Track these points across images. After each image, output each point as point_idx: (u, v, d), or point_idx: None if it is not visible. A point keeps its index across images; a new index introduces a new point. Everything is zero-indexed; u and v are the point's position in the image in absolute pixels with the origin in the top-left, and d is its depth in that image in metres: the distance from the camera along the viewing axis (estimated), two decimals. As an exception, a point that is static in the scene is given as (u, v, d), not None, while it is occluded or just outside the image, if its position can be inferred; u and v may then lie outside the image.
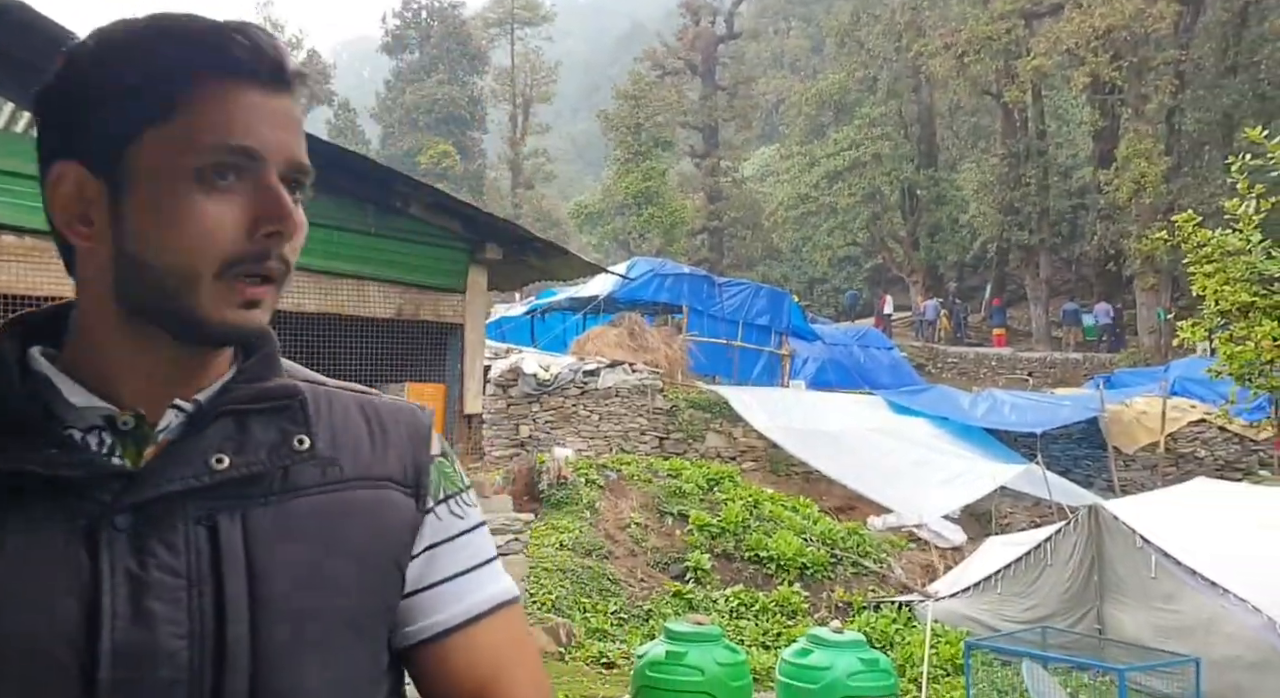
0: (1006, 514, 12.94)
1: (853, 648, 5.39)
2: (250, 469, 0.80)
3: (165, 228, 0.77)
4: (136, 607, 0.74)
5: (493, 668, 0.90)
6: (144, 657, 0.74)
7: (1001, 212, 27.12)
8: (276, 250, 0.79)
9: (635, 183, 32.07)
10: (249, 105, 0.78)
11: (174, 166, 0.77)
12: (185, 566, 0.76)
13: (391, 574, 0.87)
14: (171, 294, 0.77)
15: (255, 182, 0.78)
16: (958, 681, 7.43)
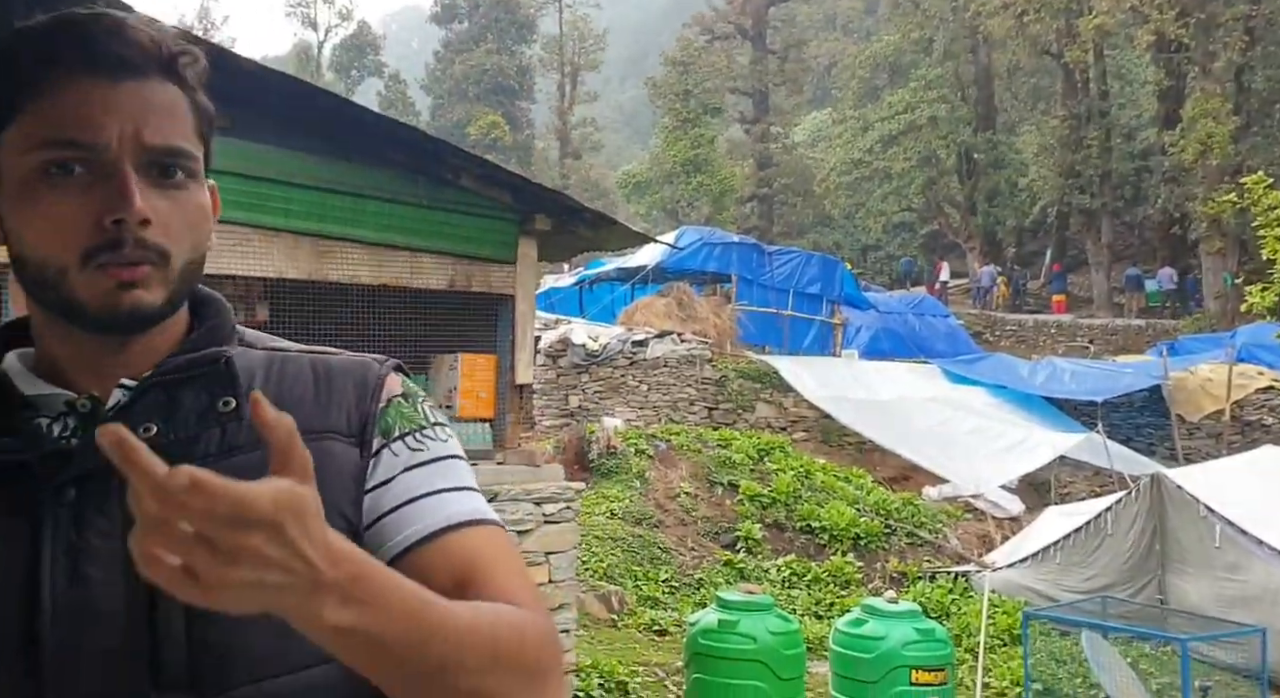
0: (1066, 484, 12.73)
1: (908, 618, 5.35)
2: (177, 435, 0.83)
3: (27, 226, 0.81)
4: (74, 572, 0.78)
5: (470, 566, 0.85)
6: (82, 617, 0.78)
7: (1062, 175, 26.42)
8: (131, 236, 0.80)
9: (684, 151, 31.82)
10: (84, 98, 0.80)
11: (23, 166, 0.80)
12: (120, 529, 0.78)
13: (334, 523, 0.82)
14: (51, 286, 0.81)
15: (103, 171, 0.80)
16: (1015, 651, 7.35)
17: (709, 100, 33.20)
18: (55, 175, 0.80)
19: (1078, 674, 6.06)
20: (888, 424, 12.92)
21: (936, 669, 5.19)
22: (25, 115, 0.81)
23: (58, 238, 0.80)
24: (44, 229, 0.80)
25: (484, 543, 0.87)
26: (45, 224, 0.80)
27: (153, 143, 0.81)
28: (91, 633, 0.78)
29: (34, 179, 0.80)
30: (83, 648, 0.78)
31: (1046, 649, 6.02)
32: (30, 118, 0.81)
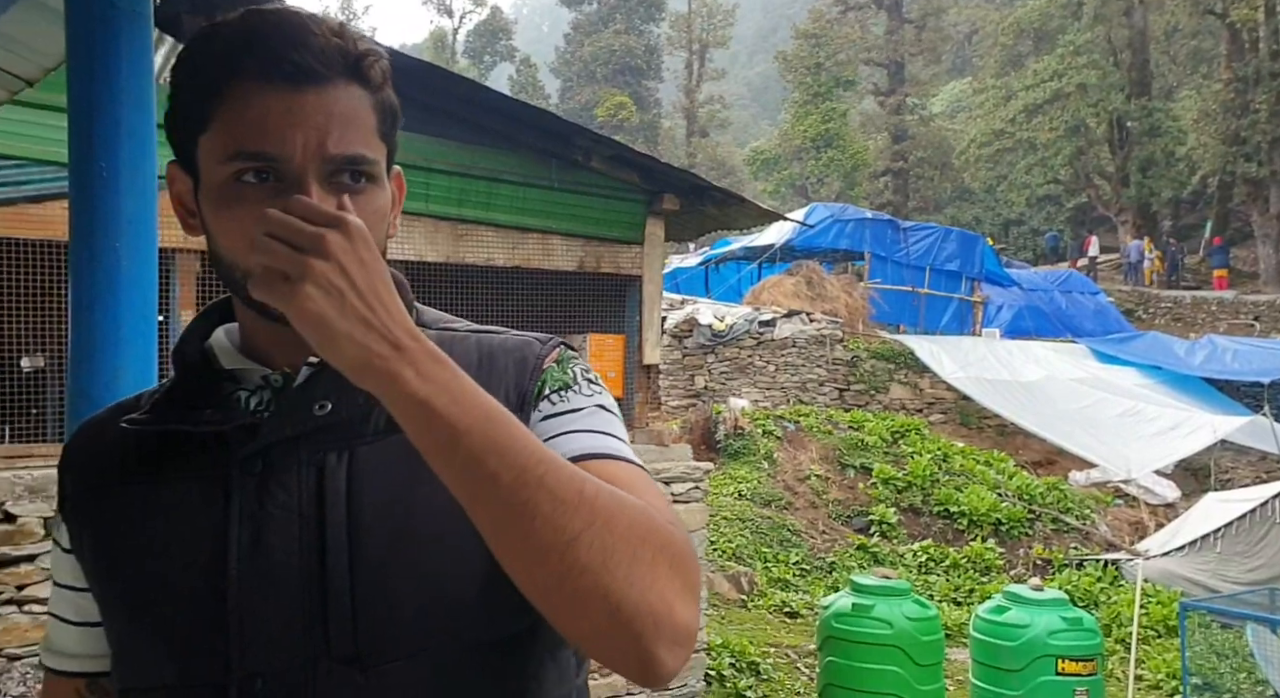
0: (1227, 469, 11.95)
1: (1054, 606, 5.14)
2: (348, 412, 0.86)
3: (219, 229, 0.85)
4: (256, 539, 0.84)
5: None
6: (264, 585, 0.83)
7: (1225, 142, 24.65)
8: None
9: (814, 125, 31.23)
10: (268, 109, 0.82)
11: (218, 173, 0.84)
12: (296, 502, 0.84)
13: None
14: (238, 286, 0.85)
15: (288, 181, 0.82)
16: (1170, 643, 6.98)
17: (841, 73, 32.45)
18: (246, 184, 0.83)
19: (1241, 669, 5.70)
20: (1031, 406, 12.42)
21: (1085, 659, 4.97)
22: (216, 123, 0.84)
23: (243, 244, 0.82)
24: (233, 235, 0.84)
25: (619, 472, 0.84)
26: (234, 230, 0.84)
27: (335, 153, 0.83)
28: (271, 600, 0.83)
29: (227, 186, 0.84)
30: (261, 614, 0.83)
31: (1206, 642, 5.68)
32: (221, 127, 0.83)
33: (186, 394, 0.90)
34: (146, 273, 1.83)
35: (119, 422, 0.92)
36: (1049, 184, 29.89)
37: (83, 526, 0.91)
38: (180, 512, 0.86)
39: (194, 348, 0.94)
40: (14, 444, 5.30)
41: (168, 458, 0.88)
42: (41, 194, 4.73)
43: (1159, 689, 6.74)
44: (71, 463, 0.95)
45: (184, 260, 5.46)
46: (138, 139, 1.80)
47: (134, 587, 0.87)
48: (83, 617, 0.94)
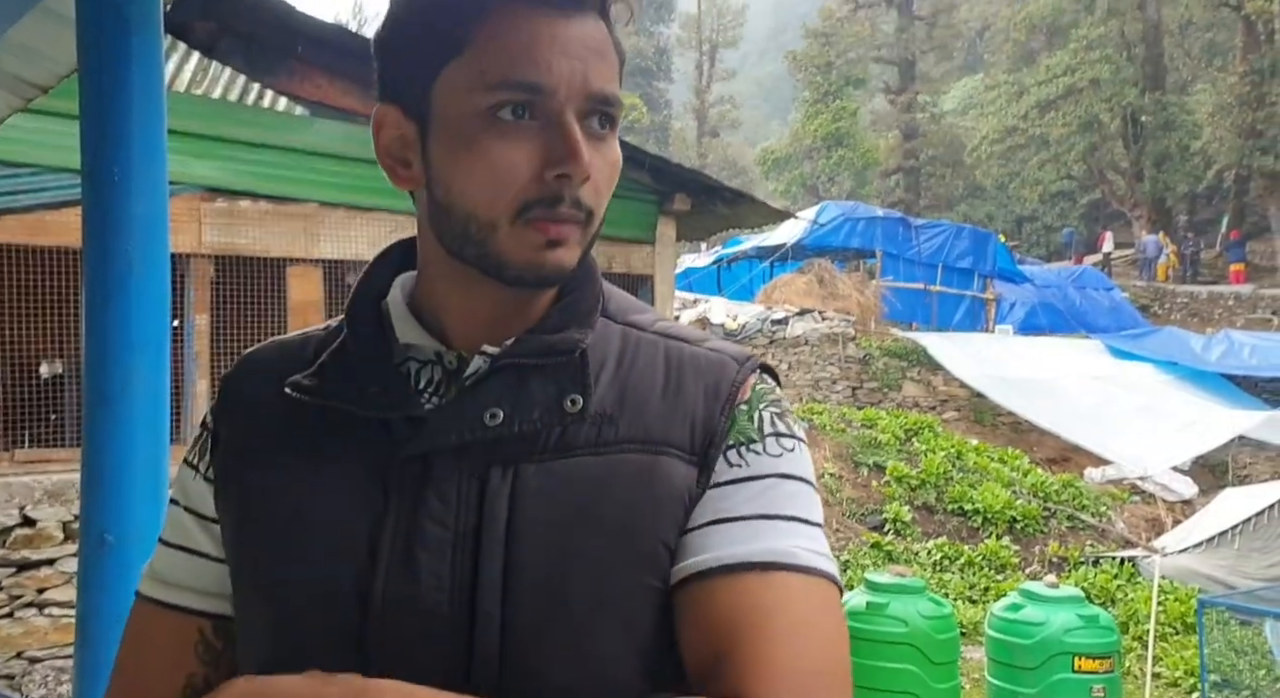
0: (1245, 465, 11.86)
1: (1070, 603, 5.11)
2: (522, 427, 0.76)
3: (460, 172, 0.75)
4: (407, 555, 0.74)
5: (731, 626, 0.71)
6: (407, 603, 0.73)
7: (1241, 135, 24.47)
8: (569, 194, 0.74)
9: (825, 124, 31.16)
10: (536, 35, 0.73)
11: (465, 106, 0.74)
12: (453, 519, 0.75)
13: (655, 552, 0.75)
14: (475, 239, 0.76)
15: (548, 119, 0.74)
16: (1188, 640, 6.93)
17: (852, 71, 32.37)
18: (504, 121, 0.74)
19: (1261, 666, 5.65)
20: (1046, 403, 12.36)
21: (1102, 657, 4.94)
22: (474, 49, 0.74)
23: (496, 188, 0.74)
24: (482, 178, 0.74)
25: (761, 594, 0.71)
26: (485, 173, 0.74)
27: (595, 89, 0.75)
28: (411, 623, 0.73)
29: (479, 122, 0.74)
30: (403, 636, 0.73)
31: (1224, 639, 5.63)
32: (480, 52, 0.74)
33: (358, 359, 0.81)
34: (159, 276, 1.85)
35: (283, 379, 0.82)
36: (1062, 180, 29.72)
37: (229, 484, 0.83)
38: (337, 500, 0.77)
39: (368, 306, 0.84)
40: (33, 449, 5.35)
41: (329, 432, 0.79)
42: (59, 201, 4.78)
43: (1177, 687, 6.70)
44: (229, 408, 0.86)
45: (198, 264, 5.50)
46: (149, 144, 1.82)
47: (272, 569, 0.78)
48: (220, 552, 0.84)
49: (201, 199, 5.47)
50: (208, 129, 5.29)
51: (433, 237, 0.81)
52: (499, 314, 0.81)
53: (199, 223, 5.49)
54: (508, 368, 0.79)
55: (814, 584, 0.73)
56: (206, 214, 5.51)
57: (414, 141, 0.78)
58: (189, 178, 5.31)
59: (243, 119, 5.49)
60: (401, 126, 0.79)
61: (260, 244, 5.67)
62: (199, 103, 5.35)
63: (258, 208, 5.64)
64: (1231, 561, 7.63)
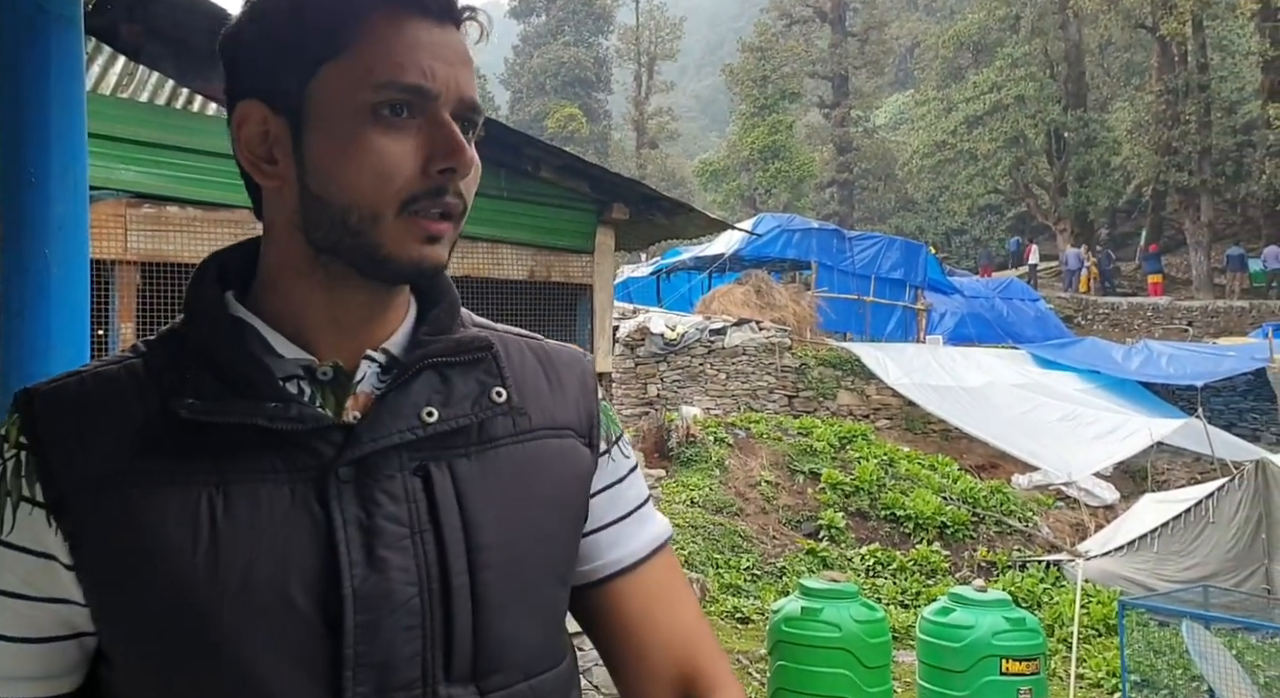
0: (1164, 471, 12.27)
1: (997, 607, 5.22)
2: (458, 422, 0.80)
3: (345, 165, 0.75)
4: (370, 555, 0.75)
5: (663, 599, 0.93)
6: (382, 603, 0.75)
7: (1158, 152, 25.37)
8: (453, 186, 0.78)
9: (761, 137, 31.53)
10: (419, 41, 0.76)
11: (350, 103, 0.75)
12: (407, 514, 0.77)
13: (580, 521, 0.89)
14: (355, 231, 0.76)
15: (428, 118, 0.77)
16: (1110, 641, 7.13)
17: (787, 85, 32.81)
18: (385, 117, 0.75)
19: (1178, 666, 5.84)
20: (974, 411, 12.63)
21: (1028, 659, 5.05)
22: (359, 49, 0.75)
23: (381, 180, 0.75)
24: (367, 170, 0.75)
25: (670, 567, 0.95)
26: (371, 166, 0.75)
27: (467, 96, 0.78)
28: (390, 621, 0.75)
29: (362, 118, 0.75)
30: (381, 636, 0.75)
31: (1144, 640, 5.81)
32: (366, 53, 0.75)
33: (238, 377, 0.77)
34: (78, 280, 1.80)
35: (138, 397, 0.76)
36: (990, 194, 30.49)
37: (94, 526, 0.73)
38: (266, 520, 0.74)
39: (221, 316, 0.80)
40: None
41: (227, 453, 0.75)
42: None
43: (1100, 687, 6.88)
44: (59, 439, 0.75)
45: (123, 271, 5.35)
46: (67, 146, 1.77)
47: (202, 607, 0.72)
48: (33, 632, 0.76)
49: (127, 205, 5.32)
50: (134, 133, 5.15)
51: (297, 236, 0.79)
52: (362, 318, 0.82)
53: (124, 229, 5.33)
54: (430, 367, 0.82)
55: (671, 546, 0.98)
56: (132, 220, 5.36)
57: (284, 137, 0.78)
58: (114, 183, 5.16)
59: (171, 124, 5.36)
60: (268, 122, 0.78)
61: (188, 251, 5.53)
62: (125, 106, 5.21)
63: (186, 214, 5.51)
64: (1151, 564, 7.86)
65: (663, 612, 0.92)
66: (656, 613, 0.92)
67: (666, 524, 0.97)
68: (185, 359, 0.78)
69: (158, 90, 5.34)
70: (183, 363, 0.78)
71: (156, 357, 0.80)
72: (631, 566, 0.92)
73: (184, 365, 0.78)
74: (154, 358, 0.80)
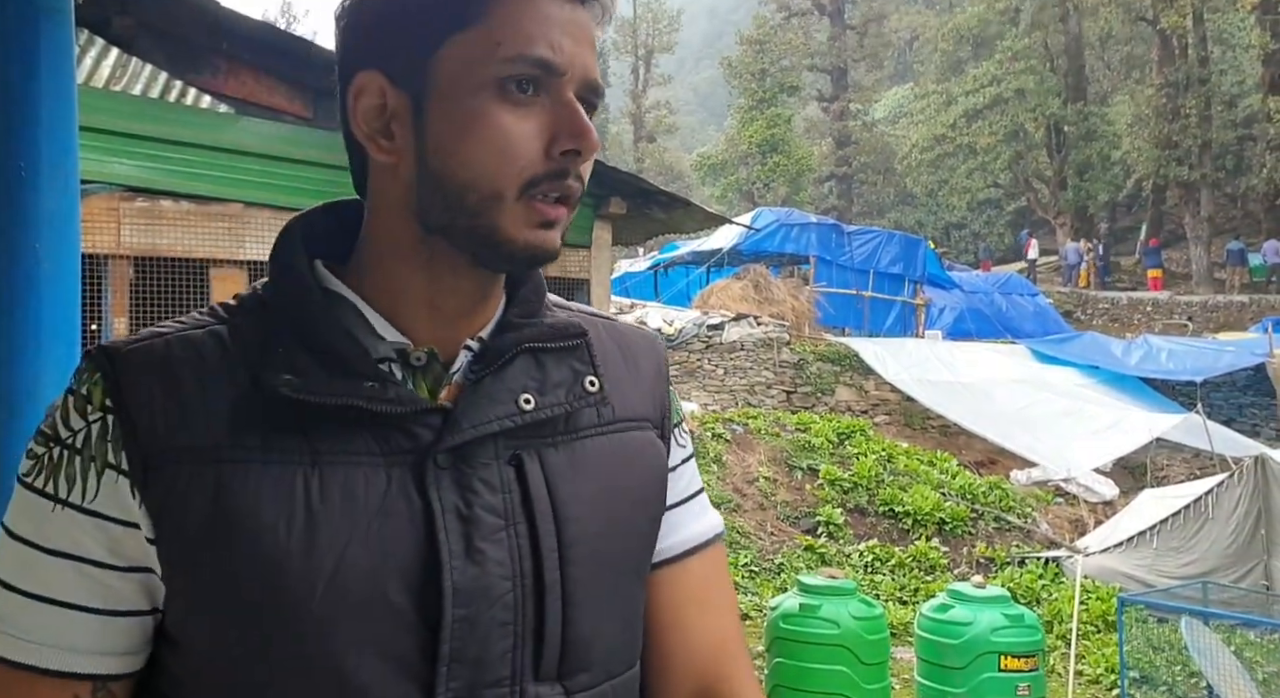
0: (1163, 467, 12.26)
1: (996, 603, 5.21)
2: (553, 410, 0.78)
3: (467, 142, 0.73)
4: (469, 546, 0.73)
5: (698, 600, 0.90)
6: (480, 596, 0.73)
7: (1158, 146, 25.35)
8: (574, 169, 0.75)
9: (760, 131, 31.48)
10: (549, 16, 0.74)
11: (476, 77, 0.73)
12: (502, 504, 0.75)
13: (659, 516, 0.87)
14: (474, 212, 0.73)
15: (555, 97, 0.74)
16: (1109, 637, 7.13)
17: (786, 79, 32.76)
18: (512, 94, 0.73)
19: (1177, 662, 5.84)
20: (973, 407, 12.62)
21: (1027, 656, 5.05)
22: (488, 21, 0.73)
23: (504, 160, 0.73)
24: (490, 148, 0.73)
25: (718, 566, 0.92)
26: (495, 143, 0.72)
27: (592, 77, 0.76)
28: (487, 616, 0.73)
29: (489, 93, 0.73)
30: (477, 632, 0.73)
31: (1143, 636, 5.80)
32: (496, 25, 0.73)
33: (334, 356, 0.74)
34: (68, 274, 1.77)
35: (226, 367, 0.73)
36: (989, 188, 30.49)
37: (180, 499, 0.70)
38: (362, 505, 0.71)
39: (313, 288, 0.77)
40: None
41: (321, 432, 0.72)
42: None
43: (1098, 683, 6.88)
44: (146, 405, 0.71)
45: (116, 266, 5.32)
46: (58, 138, 1.74)
47: (293, 590, 0.69)
48: (113, 604, 0.72)
49: (120, 199, 5.29)
50: (127, 126, 5.12)
51: (408, 215, 0.76)
52: (461, 306, 0.80)
53: (118, 223, 5.30)
54: (524, 353, 0.80)
55: (724, 544, 0.95)
56: (126, 214, 5.32)
57: (404, 111, 0.75)
58: (107, 176, 5.13)
59: (164, 116, 5.32)
60: (387, 95, 0.75)
61: (182, 245, 5.51)
62: (118, 99, 5.17)
63: (180, 208, 5.48)
64: (1150, 560, 7.85)
65: (695, 614, 0.89)
66: (689, 614, 0.88)
67: (718, 521, 0.94)
68: (274, 330, 0.75)
69: (150, 83, 5.31)
70: (272, 334, 0.75)
71: (242, 324, 0.77)
72: (673, 558, 0.89)
73: (273, 337, 0.75)
74: (239, 325, 0.76)
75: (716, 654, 0.88)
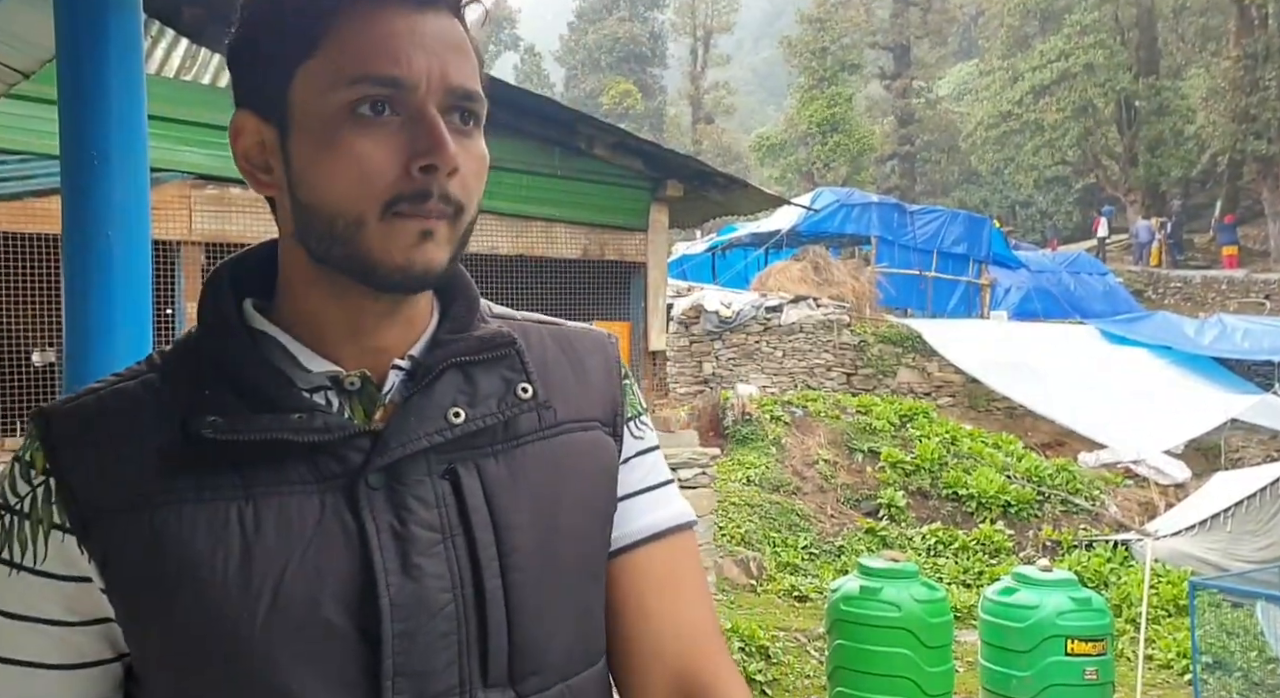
0: (1238, 449, 11.90)
1: (1063, 587, 5.12)
2: (485, 421, 0.79)
3: (326, 171, 0.73)
4: (405, 562, 0.74)
5: (660, 587, 0.88)
6: (419, 610, 0.74)
7: (1235, 120, 24.43)
8: (438, 188, 0.73)
9: (820, 110, 31.07)
10: (394, 30, 0.73)
11: (327, 104, 0.73)
12: (438, 519, 0.76)
13: (610, 514, 0.87)
14: (344, 239, 0.74)
15: (411, 113, 0.73)
16: (1180, 622, 6.97)
17: (847, 57, 32.25)
18: (364, 116, 0.72)
19: (1252, 648, 5.68)
20: (1040, 388, 12.37)
21: (1095, 640, 4.96)
22: (328, 47, 0.72)
23: (360, 186, 0.72)
24: (347, 176, 0.72)
25: (683, 555, 0.90)
26: (349, 170, 0.72)
27: (455, 84, 0.74)
28: (428, 629, 0.74)
29: (339, 119, 0.72)
30: (417, 645, 0.74)
31: (1216, 621, 5.65)
32: (335, 50, 0.72)
33: (261, 391, 0.75)
34: (140, 261, 1.83)
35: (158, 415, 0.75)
36: (1057, 165, 29.68)
37: (121, 547, 0.72)
38: (297, 532, 0.73)
39: (236, 327, 0.78)
40: (23, 439, 5.33)
41: (252, 466, 0.74)
42: (47, 188, 4.74)
43: (1170, 669, 6.74)
44: (79, 463, 0.74)
45: (188, 252, 5.47)
46: (127, 128, 1.80)
47: (235, 621, 0.71)
48: (76, 658, 0.76)
49: (191, 186, 5.44)
50: (197, 115, 5.25)
51: (298, 245, 0.78)
52: (381, 327, 0.80)
53: (189, 210, 5.45)
54: (451, 368, 0.81)
55: (694, 535, 0.93)
56: (196, 201, 5.47)
57: (274, 145, 0.77)
58: (179, 164, 5.27)
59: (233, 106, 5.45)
60: (260, 132, 0.77)
61: (252, 232, 5.64)
62: (188, 89, 5.31)
63: (248, 195, 5.61)
64: (1224, 543, 7.66)
65: (658, 601, 0.87)
66: (652, 601, 0.87)
67: (684, 511, 0.92)
68: (203, 373, 0.77)
69: (220, 73, 5.44)
70: (201, 378, 0.77)
71: (174, 371, 0.79)
72: (631, 545, 0.87)
73: (202, 380, 0.76)
74: (171, 372, 0.79)
75: (688, 643, 0.86)
